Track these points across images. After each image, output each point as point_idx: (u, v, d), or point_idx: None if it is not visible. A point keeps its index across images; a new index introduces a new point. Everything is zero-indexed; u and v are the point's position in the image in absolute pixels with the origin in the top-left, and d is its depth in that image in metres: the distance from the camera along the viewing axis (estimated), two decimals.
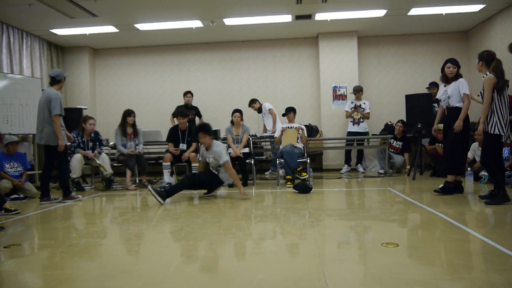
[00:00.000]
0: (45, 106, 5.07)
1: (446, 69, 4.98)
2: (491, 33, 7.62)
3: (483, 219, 3.78)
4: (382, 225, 3.54)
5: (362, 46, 8.82)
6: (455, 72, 4.93)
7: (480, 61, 4.43)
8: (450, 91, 4.90)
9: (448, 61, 5.00)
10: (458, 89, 4.85)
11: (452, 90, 4.90)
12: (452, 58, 5.05)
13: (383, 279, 2.19)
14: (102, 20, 7.28)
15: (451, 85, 4.95)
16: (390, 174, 7.35)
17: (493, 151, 4.36)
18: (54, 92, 5.10)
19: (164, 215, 4.25)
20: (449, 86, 4.95)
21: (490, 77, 4.25)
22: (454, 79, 4.93)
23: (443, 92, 5.03)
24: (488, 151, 4.39)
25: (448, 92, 4.92)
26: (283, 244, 3.00)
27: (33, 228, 3.87)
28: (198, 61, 9.16)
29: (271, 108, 7.72)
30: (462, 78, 4.93)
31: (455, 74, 4.93)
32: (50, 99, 5.03)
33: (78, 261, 2.70)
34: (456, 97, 4.87)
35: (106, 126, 9.06)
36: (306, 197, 5.15)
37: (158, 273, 2.40)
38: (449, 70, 4.95)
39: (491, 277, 2.19)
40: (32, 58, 7.91)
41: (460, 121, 4.75)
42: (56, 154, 5.18)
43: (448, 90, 4.94)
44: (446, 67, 4.98)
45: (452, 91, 4.89)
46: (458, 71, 4.96)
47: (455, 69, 4.93)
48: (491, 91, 4.25)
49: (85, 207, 5.04)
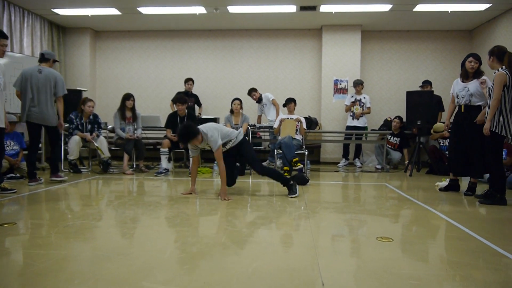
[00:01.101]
0: (47, 85, 5.02)
1: (467, 64, 4.70)
2: (495, 34, 7.59)
3: (478, 218, 3.79)
4: (377, 220, 3.55)
5: (366, 41, 8.77)
6: (476, 67, 4.67)
7: (491, 57, 4.28)
8: (473, 89, 4.66)
9: (471, 55, 4.72)
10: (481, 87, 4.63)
11: (474, 87, 4.66)
12: (474, 53, 4.78)
13: (377, 273, 2.20)
14: (105, 1, 7.20)
15: (472, 82, 4.70)
16: (387, 170, 7.37)
17: (496, 151, 4.27)
18: (57, 72, 5.08)
19: (160, 200, 4.25)
20: (470, 83, 4.71)
21: (502, 74, 4.11)
22: (476, 76, 4.69)
23: (462, 88, 4.76)
24: (491, 151, 4.27)
25: (471, 90, 4.67)
26: (279, 235, 3.01)
27: (29, 208, 3.86)
28: (200, 48, 9.10)
29: (274, 98, 7.70)
30: (485, 77, 4.67)
31: (476, 70, 4.68)
32: (56, 80, 5.00)
33: (73, 242, 2.70)
34: (480, 96, 4.63)
35: (105, 109, 9.03)
36: (303, 189, 5.16)
37: (153, 257, 2.40)
38: (470, 65, 4.67)
39: (484, 276, 2.20)
40: (32, 37, 7.83)
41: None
42: (55, 133, 5.17)
43: (469, 87, 4.70)
44: (468, 61, 4.70)
45: (474, 88, 4.65)
46: (479, 67, 4.70)
47: (476, 65, 4.67)
48: (501, 88, 4.09)
49: (82, 189, 5.04)
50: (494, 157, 4.28)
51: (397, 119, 7.58)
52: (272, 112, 7.72)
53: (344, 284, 2.06)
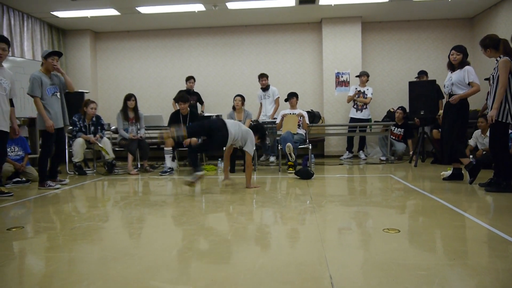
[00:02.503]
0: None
1: (450, 56, 4.90)
2: (496, 20, 7.52)
3: (484, 206, 3.77)
4: (383, 211, 3.54)
5: (366, 32, 8.73)
6: (459, 59, 4.82)
7: (487, 49, 4.31)
8: (455, 78, 4.82)
9: (453, 48, 4.91)
10: (464, 77, 4.76)
11: (457, 77, 4.82)
12: (458, 45, 4.93)
13: (384, 264, 2.19)
14: (103, 2, 7.20)
15: (456, 72, 4.87)
16: (392, 161, 7.35)
17: (502, 140, 4.26)
18: (33, 73, 5.04)
19: (166, 199, 4.26)
20: (455, 73, 4.88)
21: (506, 60, 4.11)
22: (460, 66, 4.84)
23: (448, 79, 4.95)
24: (497, 140, 4.27)
25: (453, 79, 4.84)
26: (285, 229, 3.01)
27: (36, 211, 3.88)
28: (200, 45, 9.09)
29: (279, 97, 7.71)
30: (469, 66, 4.82)
31: (460, 61, 4.83)
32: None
33: (80, 243, 2.72)
34: (461, 85, 4.78)
35: (108, 110, 9.04)
36: (308, 183, 5.15)
37: (160, 257, 2.41)
38: (453, 57, 4.86)
39: (492, 263, 2.20)
40: (33, 41, 7.85)
41: (459, 97, 4.69)
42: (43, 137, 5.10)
43: (453, 76, 4.87)
44: (450, 54, 4.90)
45: (456, 78, 4.81)
46: (463, 58, 4.83)
47: (458, 56, 4.82)
48: (507, 74, 4.09)
49: (87, 191, 5.06)
50: (500, 146, 4.28)
51: (400, 109, 7.55)
52: (269, 107, 7.70)
53: (352, 276, 2.06)
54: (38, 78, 4.95)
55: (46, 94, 5.01)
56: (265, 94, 7.82)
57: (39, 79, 4.95)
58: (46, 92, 5.01)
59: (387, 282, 1.97)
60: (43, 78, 5.01)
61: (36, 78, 4.93)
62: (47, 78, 5.06)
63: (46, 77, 5.05)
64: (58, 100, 5.18)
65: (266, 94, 7.82)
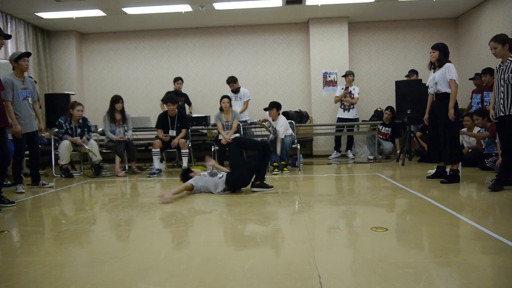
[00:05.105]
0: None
1: (429, 55, 4.97)
2: (480, 20, 7.63)
3: (471, 204, 3.83)
4: (371, 210, 3.56)
5: (353, 32, 8.78)
6: (435, 56, 4.86)
7: (505, 44, 4.21)
8: (438, 77, 4.84)
9: (431, 47, 4.97)
10: (445, 73, 4.78)
11: (439, 75, 4.83)
12: (435, 44, 4.99)
13: (372, 263, 2.21)
14: (89, 3, 7.12)
15: (438, 71, 4.89)
16: (380, 160, 7.40)
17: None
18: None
19: (154, 201, 4.23)
20: (437, 72, 4.90)
21: None
22: (441, 64, 4.86)
23: (431, 79, 4.98)
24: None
25: (436, 78, 4.86)
26: (274, 230, 3.01)
27: (22, 215, 3.82)
28: (187, 46, 9.05)
29: (250, 100, 7.71)
30: (449, 63, 4.84)
31: (437, 58, 4.86)
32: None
33: (67, 247, 2.69)
34: (444, 83, 4.80)
35: (95, 112, 8.93)
36: (296, 182, 5.17)
37: (148, 259, 2.39)
38: (430, 55, 4.94)
39: (479, 260, 2.23)
40: (17, 42, 7.73)
41: (451, 109, 4.68)
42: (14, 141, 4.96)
43: (435, 75, 4.89)
44: (429, 53, 4.98)
45: (439, 76, 4.83)
46: (441, 55, 4.85)
47: (435, 53, 4.86)
48: None
49: (75, 193, 5.00)
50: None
51: (389, 110, 7.58)
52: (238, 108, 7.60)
53: (341, 275, 2.07)
54: (10, 82, 4.84)
55: (17, 98, 4.92)
56: (236, 96, 7.74)
57: (10, 83, 4.85)
58: (17, 96, 4.92)
59: (376, 280, 1.98)
60: (15, 82, 4.91)
61: (7, 82, 4.82)
62: (19, 82, 4.97)
63: (18, 81, 4.96)
64: (30, 105, 5.08)
65: (237, 96, 7.74)
